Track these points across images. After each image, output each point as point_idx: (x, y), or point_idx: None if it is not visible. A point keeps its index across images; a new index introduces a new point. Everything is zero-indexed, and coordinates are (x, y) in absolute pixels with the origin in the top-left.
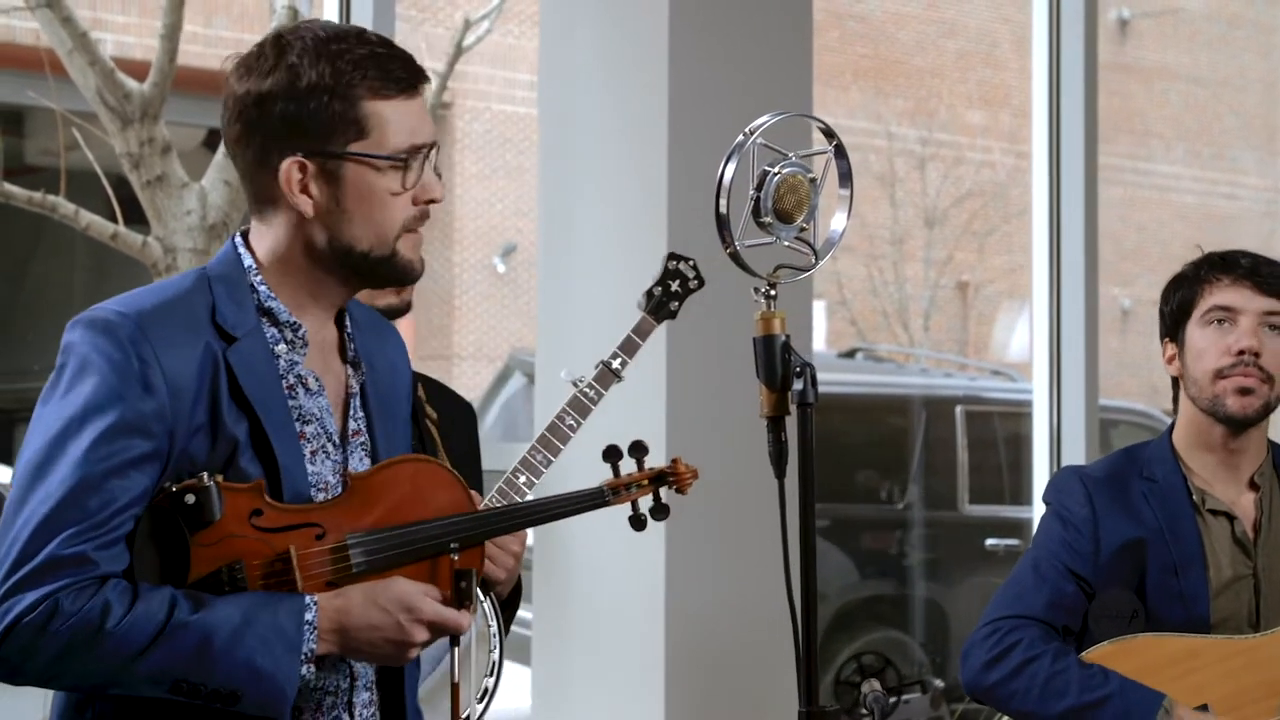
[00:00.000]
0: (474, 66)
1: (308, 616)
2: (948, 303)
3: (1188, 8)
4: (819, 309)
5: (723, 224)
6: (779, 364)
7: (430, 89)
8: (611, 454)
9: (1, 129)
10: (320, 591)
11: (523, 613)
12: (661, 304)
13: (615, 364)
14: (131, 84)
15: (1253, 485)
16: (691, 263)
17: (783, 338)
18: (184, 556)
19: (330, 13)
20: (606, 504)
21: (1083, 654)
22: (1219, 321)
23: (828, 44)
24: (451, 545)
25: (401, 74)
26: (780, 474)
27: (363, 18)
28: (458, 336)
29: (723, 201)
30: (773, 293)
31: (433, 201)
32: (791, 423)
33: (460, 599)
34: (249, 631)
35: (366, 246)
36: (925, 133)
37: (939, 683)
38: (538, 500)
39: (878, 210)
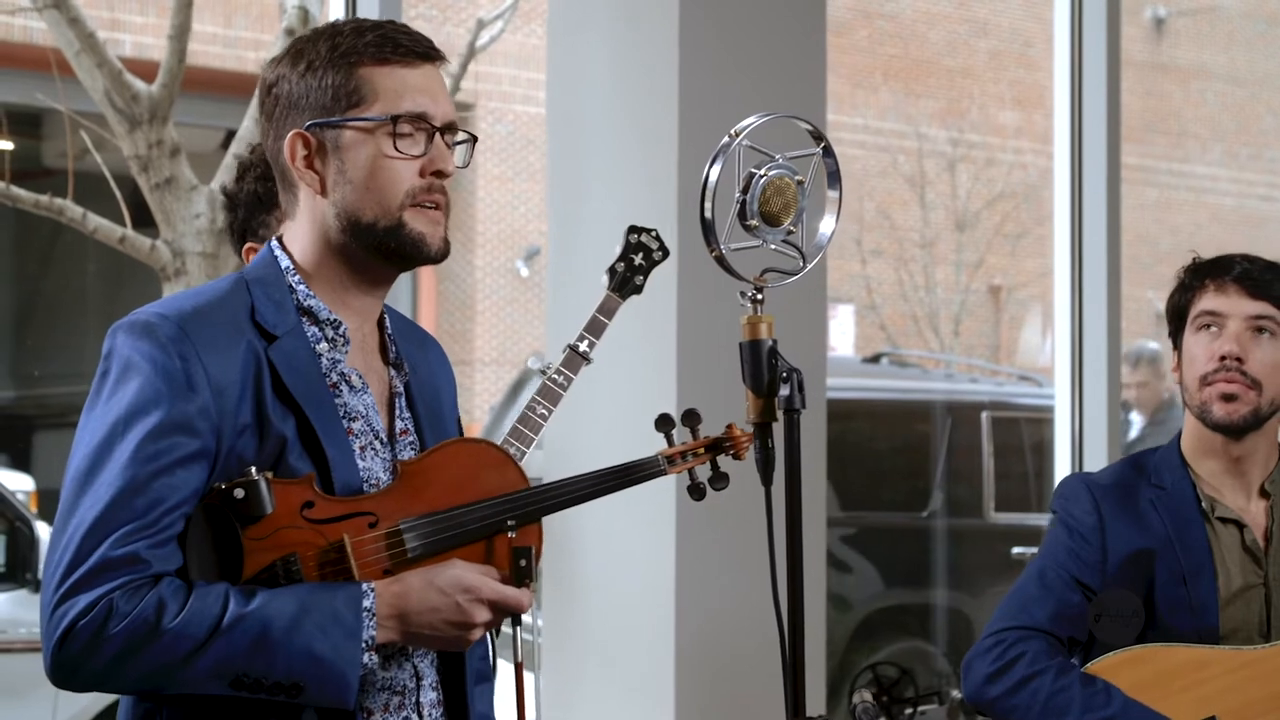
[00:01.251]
0: (497, 68)
1: (366, 603)
2: (979, 307)
3: (1225, 6)
4: (848, 313)
5: (708, 227)
6: (765, 369)
7: (447, 67)
8: (664, 423)
9: (18, 131)
10: (378, 579)
11: (531, 619)
12: (626, 280)
13: (582, 347)
14: (140, 85)
15: (1263, 493)
16: (654, 233)
17: (770, 342)
18: (237, 553)
19: (337, 12)
20: (663, 473)
21: (1089, 664)
22: (1206, 327)
23: (857, 44)
24: (509, 523)
25: (404, 43)
26: (767, 481)
27: (368, 12)
28: (480, 341)
29: (708, 204)
30: (759, 297)
31: (440, 174)
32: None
33: (520, 577)
34: (307, 620)
35: (372, 216)
36: (956, 134)
37: (956, 694)
38: (592, 473)
39: (908, 213)
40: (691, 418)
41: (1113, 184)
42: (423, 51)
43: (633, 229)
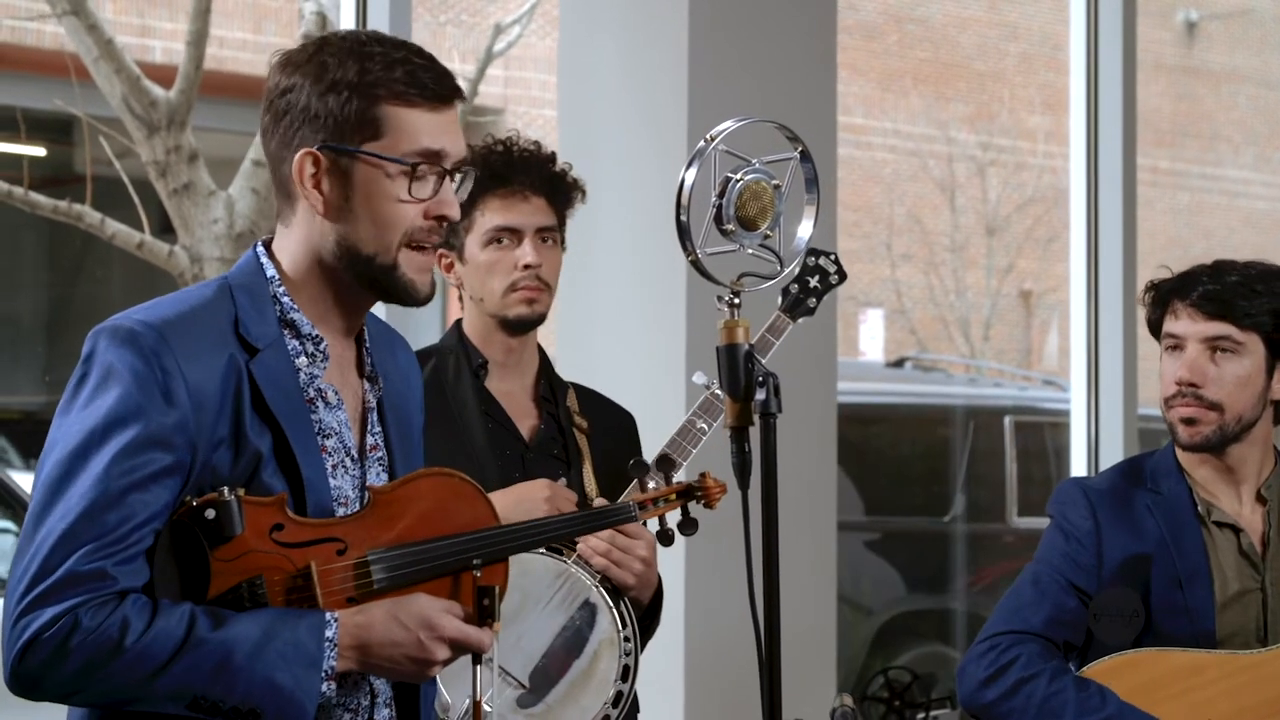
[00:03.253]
0: (526, 73)
1: (328, 633)
2: (1009, 311)
3: (1258, 9)
4: (878, 318)
5: (683, 231)
6: (742, 373)
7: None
8: (638, 468)
9: (51, 138)
10: (342, 608)
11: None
12: (799, 301)
13: None
14: (158, 91)
15: (1260, 498)
16: (833, 257)
17: (746, 346)
18: (204, 572)
19: (347, 16)
20: (634, 519)
21: (1084, 669)
22: (1170, 350)
23: (887, 48)
24: (474, 561)
25: (430, 84)
26: (744, 485)
27: (379, 20)
28: None
29: (683, 209)
30: (736, 301)
31: (444, 219)
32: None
33: (483, 616)
34: (269, 648)
35: (371, 251)
36: (986, 138)
37: None
38: (562, 516)
39: (937, 217)
40: (665, 464)
41: (1128, 188)
42: (447, 94)
43: (811, 251)
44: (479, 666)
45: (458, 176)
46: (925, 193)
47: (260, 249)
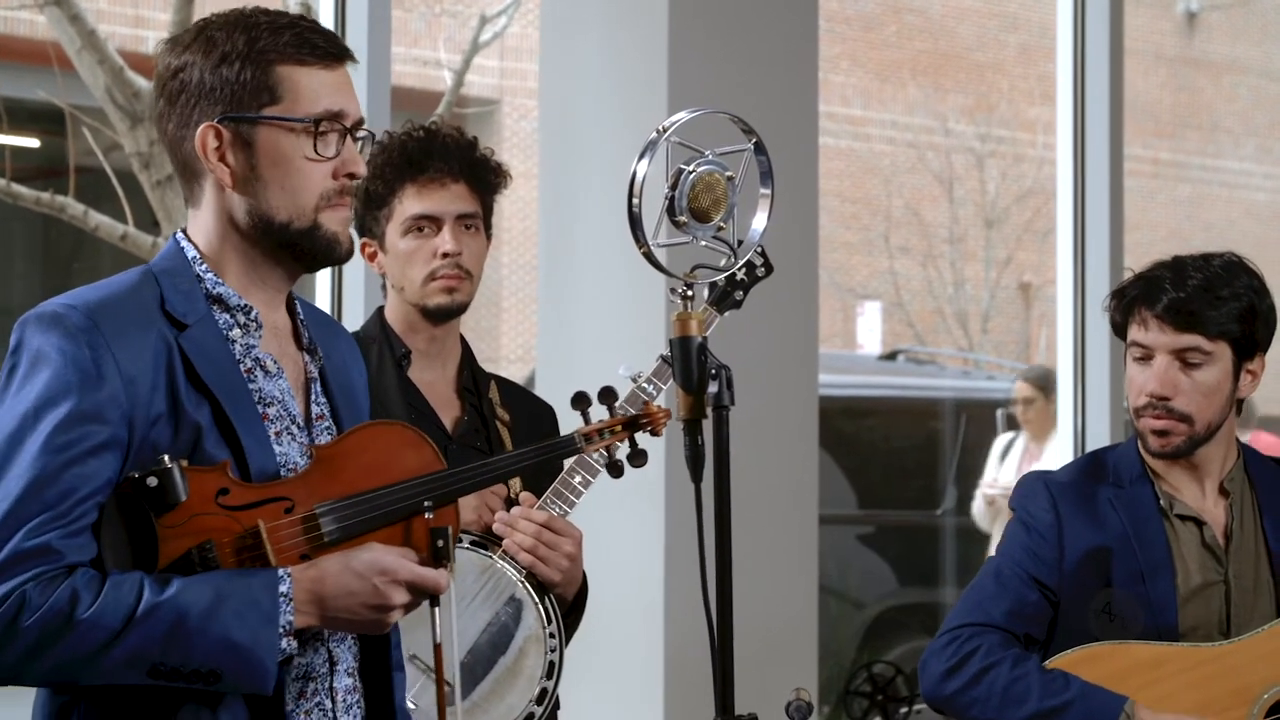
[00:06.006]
0: (522, 64)
1: (282, 588)
2: (1008, 304)
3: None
4: (875, 310)
5: (635, 223)
6: (695, 366)
7: (355, 67)
8: (580, 400)
9: (44, 129)
10: (295, 565)
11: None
12: (725, 294)
13: None
14: (141, 82)
15: (1223, 491)
16: (760, 249)
17: (699, 339)
18: (152, 542)
19: (326, 8)
20: (579, 451)
21: (1046, 662)
22: (1138, 359)
23: (885, 39)
24: (425, 504)
25: (320, 43)
26: (696, 478)
27: (358, 9)
28: (505, 339)
29: (635, 200)
30: (689, 293)
31: (353, 176)
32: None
33: (438, 558)
34: (223, 608)
35: (286, 217)
36: (985, 129)
37: None
38: (507, 454)
39: (936, 209)
40: (608, 396)
41: (1115, 179)
42: (337, 53)
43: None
44: (436, 609)
45: (360, 137)
46: (923, 185)
47: (179, 235)
